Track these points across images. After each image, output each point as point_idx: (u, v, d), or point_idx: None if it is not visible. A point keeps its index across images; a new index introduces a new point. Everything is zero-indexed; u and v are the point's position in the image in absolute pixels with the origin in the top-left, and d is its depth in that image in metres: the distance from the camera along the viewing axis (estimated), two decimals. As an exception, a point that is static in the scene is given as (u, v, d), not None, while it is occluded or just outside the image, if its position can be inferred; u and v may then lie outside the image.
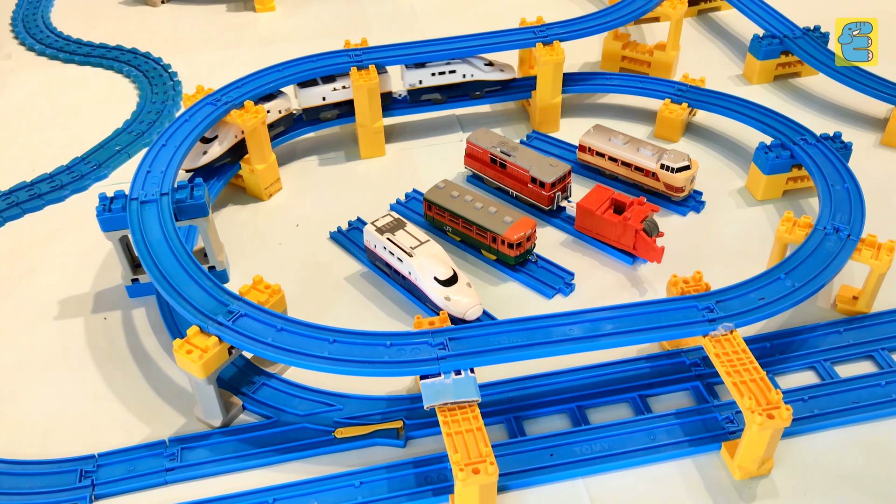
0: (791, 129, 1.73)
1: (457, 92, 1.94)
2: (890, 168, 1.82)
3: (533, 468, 1.22)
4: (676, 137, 1.91)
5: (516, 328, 1.26)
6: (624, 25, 2.02)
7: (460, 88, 1.94)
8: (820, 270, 1.35)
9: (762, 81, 2.11)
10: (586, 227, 1.64)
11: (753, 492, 1.20)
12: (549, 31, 1.92)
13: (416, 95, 1.92)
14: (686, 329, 1.26)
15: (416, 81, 1.89)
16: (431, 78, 1.90)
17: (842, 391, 1.31)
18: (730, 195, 1.76)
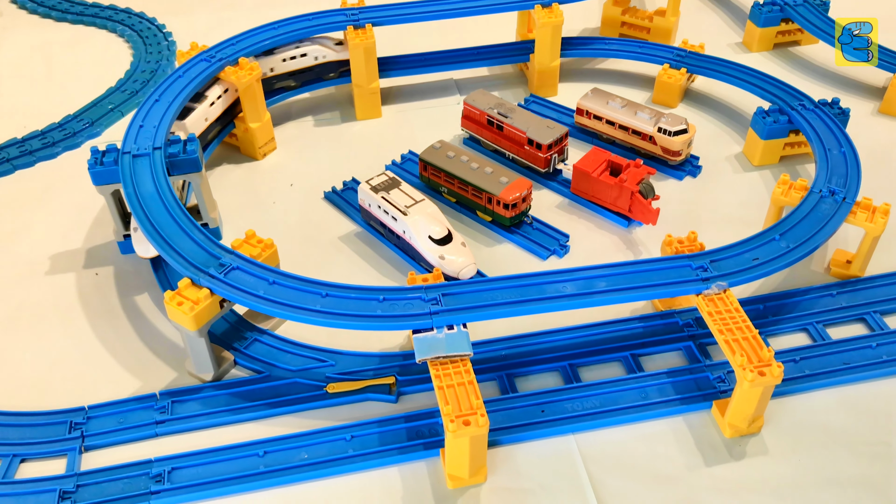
0: (790, 94, 1.72)
1: (310, 75, 1.85)
2: (888, 135, 1.81)
3: (524, 423, 1.22)
4: (675, 103, 1.90)
5: (509, 285, 1.25)
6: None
7: (314, 71, 1.86)
8: (815, 232, 1.34)
9: (762, 49, 2.09)
10: (582, 189, 1.63)
11: (743, 449, 1.20)
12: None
13: (269, 84, 1.81)
14: (679, 287, 1.26)
15: (267, 70, 1.79)
16: (283, 64, 1.81)
17: (833, 352, 1.31)
18: (727, 160, 1.75)
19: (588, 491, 1.15)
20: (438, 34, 2.12)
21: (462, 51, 1.97)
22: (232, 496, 1.16)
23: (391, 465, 1.18)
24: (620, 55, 1.96)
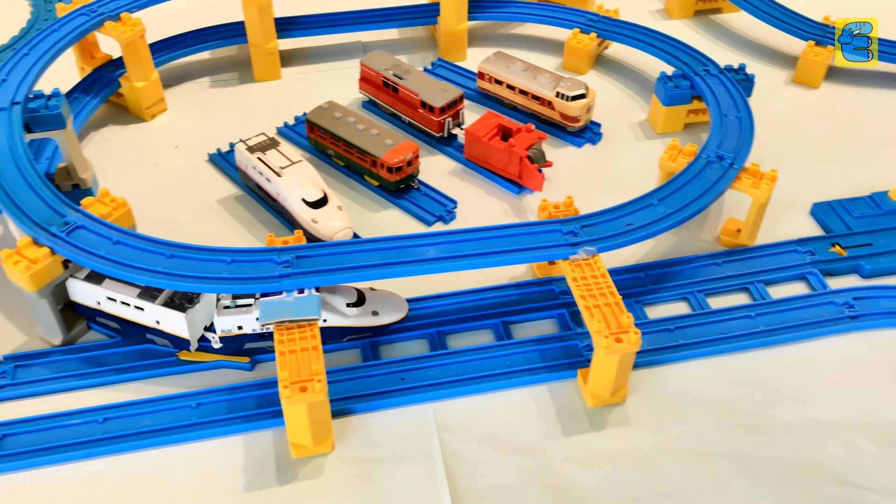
0: (696, 60, 1.67)
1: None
2: (796, 104, 1.76)
3: (381, 392, 1.17)
4: (585, 69, 1.84)
5: (369, 248, 1.20)
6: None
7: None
8: (695, 198, 1.30)
9: (682, 16, 2.03)
10: (475, 154, 1.57)
11: (605, 419, 1.16)
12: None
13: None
14: (547, 252, 1.20)
15: None
16: None
17: (710, 322, 1.27)
18: (630, 128, 1.70)
19: (438, 460, 1.10)
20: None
21: (367, 12, 1.89)
22: (67, 464, 1.10)
23: (237, 434, 1.13)
24: (532, 19, 1.89)
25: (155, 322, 1.20)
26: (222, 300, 1.19)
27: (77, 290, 1.21)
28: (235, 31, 1.81)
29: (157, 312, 1.18)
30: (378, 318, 1.23)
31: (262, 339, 1.21)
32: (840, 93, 1.79)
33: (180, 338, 1.20)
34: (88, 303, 1.22)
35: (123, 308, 1.20)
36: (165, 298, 1.18)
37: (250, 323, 1.19)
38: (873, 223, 1.43)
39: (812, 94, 1.78)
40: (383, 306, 1.24)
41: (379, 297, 1.26)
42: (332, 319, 1.21)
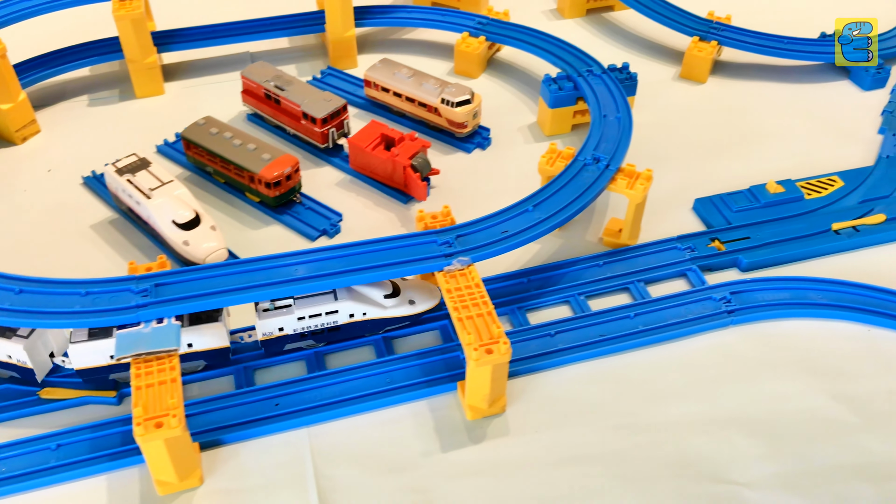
0: (581, 60, 1.67)
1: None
2: (683, 100, 1.78)
3: (254, 419, 1.14)
4: (476, 73, 1.83)
5: (234, 271, 1.16)
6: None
7: None
8: (570, 201, 1.30)
9: (574, 15, 2.03)
10: (360, 164, 1.55)
11: (484, 431, 1.14)
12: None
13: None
14: (421, 265, 1.18)
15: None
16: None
17: (590, 325, 1.27)
18: (519, 131, 1.69)
19: (311, 487, 1.07)
20: (239, 4, 1.97)
21: (253, 21, 1.84)
22: (-84, 520, 1.05)
23: (101, 474, 1.09)
24: (421, 24, 1.87)
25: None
26: (261, 303, 1.18)
27: None
28: (112, 46, 1.75)
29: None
30: (415, 306, 1.25)
31: (303, 338, 1.22)
32: (726, 87, 1.81)
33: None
34: None
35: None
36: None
37: (291, 324, 1.19)
38: (751, 216, 1.45)
39: (698, 89, 1.80)
40: (418, 295, 1.26)
41: (412, 286, 1.28)
42: (371, 312, 1.23)
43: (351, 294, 1.22)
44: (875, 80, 1.77)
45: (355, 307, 1.21)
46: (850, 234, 1.41)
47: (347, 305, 1.21)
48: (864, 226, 1.43)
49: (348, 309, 1.21)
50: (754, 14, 2.00)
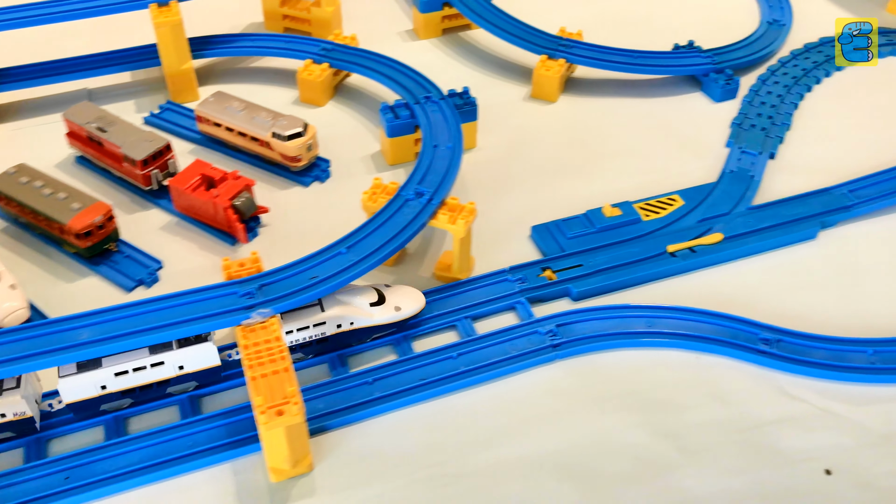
0: (420, 86, 1.63)
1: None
2: (532, 122, 1.74)
3: (40, 496, 1.07)
4: (322, 101, 1.76)
5: (8, 339, 1.07)
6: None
7: None
8: (387, 240, 1.25)
9: (430, 36, 1.98)
10: (183, 206, 1.47)
11: (288, 494, 1.08)
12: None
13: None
14: (219, 320, 1.11)
15: None
16: None
17: (411, 368, 1.21)
18: (362, 161, 1.64)
19: (92, 571, 1.01)
20: (81, 38, 1.86)
21: (87, 57, 1.75)
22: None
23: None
24: (265, 52, 1.80)
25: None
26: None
27: None
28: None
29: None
30: (402, 312, 1.26)
31: (291, 352, 1.18)
32: (577, 105, 1.79)
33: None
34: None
35: None
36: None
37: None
38: (585, 242, 1.41)
39: (549, 109, 1.77)
40: (403, 300, 1.27)
41: (397, 291, 1.29)
42: (358, 321, 1.23)
43: (337, 304, 1.22)
44: (725, 91, 1.76)
45: (342, 318, 1.22)
46: (686, 256, 1.40)
47: (334, 316, 1.21)
48: (700, 246, 1.43)
49: (336, 320, 1.22)
50: (612, 28, 1.98)
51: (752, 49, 1.87)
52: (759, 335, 1.25)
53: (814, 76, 1.82)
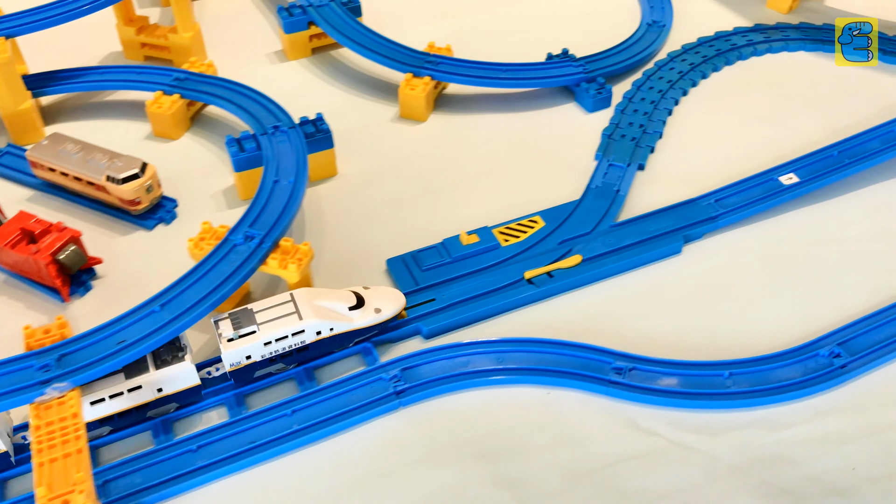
0: (272, 115, 1.54)
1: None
2: (398, 144, 1.65)
3: None
4: (176, 133, 1.65)
5: None
6: (103, 9, 1.69)
7: None
8: (207, 293, 1.16)
9: (298, 57, 1.89)
10: (8, 263, 1.36)
11: (93, 584, 1.02)
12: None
13: None
14: (8, 399, 1.02)
15: None
16: None
17: (241, 430, 1.12)
18: (214, 198, 1.53)
19: None
20: None
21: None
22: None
23: None
24: (114, 85, 1.70)
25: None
26: (224, 333, 1.15)
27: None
28: None
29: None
30: (382, 314, 1.23)
31: (272, 363, 1.19)
32: (448, 124, 1.71)
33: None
34: None
35: None
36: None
37: (258, 350, 1.16)
38: (441, 274, 1.34)
39: (418, 130, 1.69)
40: (383, 301, 1.24)
41: (376, 293, 1.26)
42: (338, 326, 1.20)
43: (316, 311, 1.18)
44: (597, 100, 1.70)
45: (321, 324, 1.18)
46: (543, 282, 1.33)
47: (313, 323, 1.17)
48: (558, 270, 1.37)
49: (314, 327, 1.18)
50: (491, 39, 1.92)
51: (627, 54, 1.81)
52: (612, 364, 1.19)
53: (689, 79, 1.77)
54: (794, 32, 1.91)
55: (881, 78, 1.82)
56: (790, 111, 1.72)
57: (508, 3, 2.08)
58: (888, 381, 1.20)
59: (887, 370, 1.21)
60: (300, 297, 1.19)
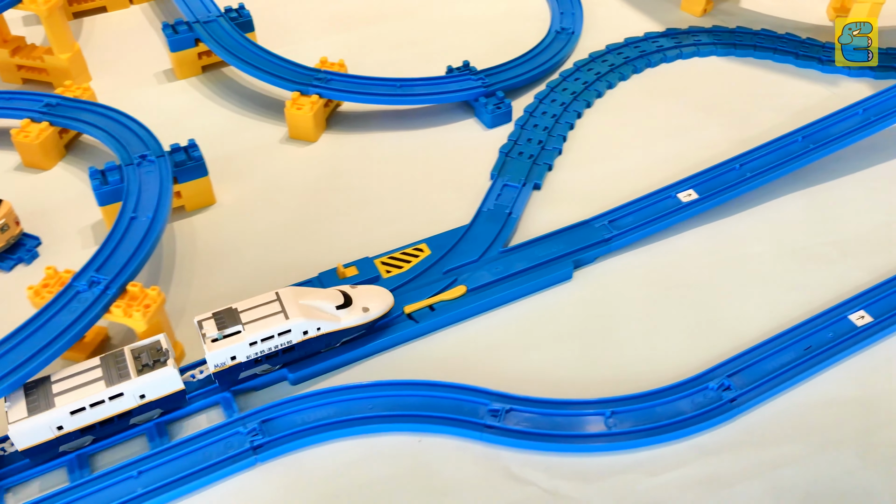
0: (142, 143, 1.44)
1: None
2: (285, 168, 1.55)
3: None
4: (47, 164, 1.54)
5: None
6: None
7: None
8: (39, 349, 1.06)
9: (188, 75, 1.78)
10: None
11: None
12: None
13: None
14: None
15: None
16: None
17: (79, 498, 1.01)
18: (81, 233, 1.42)
19: None
20: None
21: None
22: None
23: None
24: (-26, 113, 1.61)
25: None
26: (208, 333, 1.12)
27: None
28: None
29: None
30: (370, 313, 1.21)
31: (258, 363, 1.16)
32: (339, 144, 1.61)
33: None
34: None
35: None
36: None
37: (244, 350, 1.13)
38: (313, 313, 1.29)
39: (307, 151, 1.59)
40: (371, 300, 1.22)
41: (363, 292, 1.24)
42: (325, 326, 1.18)
43: (302, 310, 1.15)
44: (496, 116, 1.61)
45: (308, 323, 1.15)
46: (424, 317, 1.24)
47: (300, 323, 1.14)
48: (440, 303, 1.28)
49: (301, 326, 1.15)
50: (395, 51, 1.83)
51: (531, 65, 1.72)
52: (488, 406, 1.11)
53: (595, 90, 1.70)
54: (706, 37, 1.85)
55: (793, 83, 1.77)
56: (697, 121, 1.66)
57: (414, 12, 2.00)
58: (779, 415, 1.13)
59: (779, 402, 1.14)
60: (286, 295, 1.17)
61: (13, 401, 1.03)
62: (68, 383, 1.05)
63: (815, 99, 1.72)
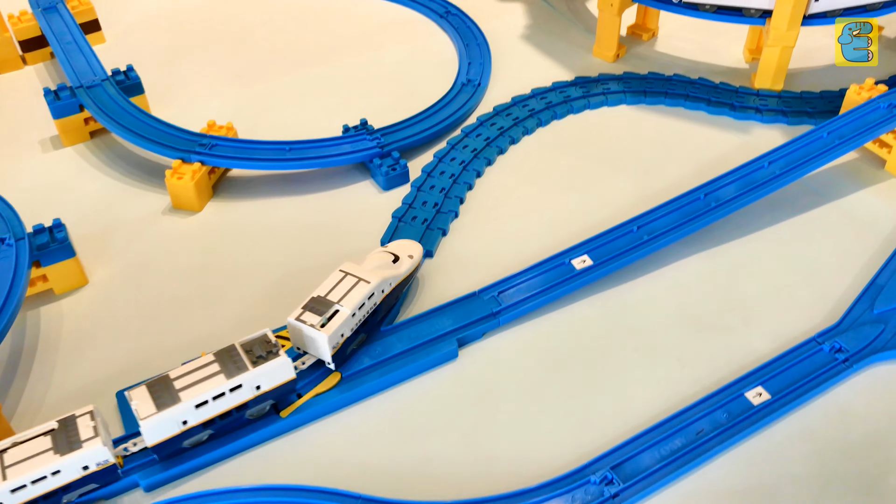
0: (5, 224, 1.35)
1: None
2: (166, 241, 1.45)
3: None
4: None
5: None
6: None
7: None
8: None
9: (75, 142, 1.68)
10: None
11: None
12: None
13: None
14: None
15: None
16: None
17: None
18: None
19: None
20: None
21: None
22: None
23: None
24: None
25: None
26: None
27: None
28: None
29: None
30: (414, 259, 1.31)
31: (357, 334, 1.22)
32: (225, 213, 1.52)
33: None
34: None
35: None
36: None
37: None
38: (173, 408, 1.20)
39: (189, 222, 1.50)
40: (408, 249, 1.33)
41: (398, 246, 1.34)
42: (393, 280, 1.26)
43: (375, 274, 1.22)
44: (390, 178, 1.53)
45: (384, 282, 1.23)
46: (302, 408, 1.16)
47: (379, 283, 1.21)
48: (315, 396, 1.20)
49: (380, 286, 1.22)
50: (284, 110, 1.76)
51: (431, 122, 1.65)
52: (351, 513, 1.05)
53: (497, 146, 1.63)
54: (615, 84, 1.80)
55: (704, 132, 1.71)
56: (602, 176, 1.59)
57: (317, 64, 1.93)
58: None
59: (666, 495, 1.06)
60: (352, 268, 1.22)
61: (140, 399, 1.05)
62: (188, 379, 1.07)
63: (726, 147, 1.67)
